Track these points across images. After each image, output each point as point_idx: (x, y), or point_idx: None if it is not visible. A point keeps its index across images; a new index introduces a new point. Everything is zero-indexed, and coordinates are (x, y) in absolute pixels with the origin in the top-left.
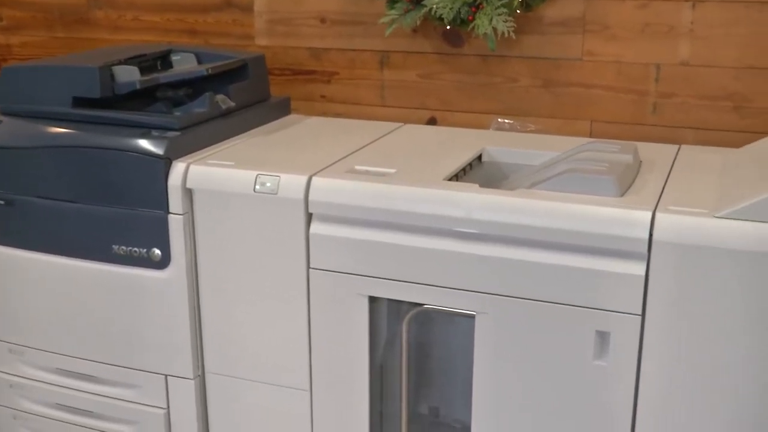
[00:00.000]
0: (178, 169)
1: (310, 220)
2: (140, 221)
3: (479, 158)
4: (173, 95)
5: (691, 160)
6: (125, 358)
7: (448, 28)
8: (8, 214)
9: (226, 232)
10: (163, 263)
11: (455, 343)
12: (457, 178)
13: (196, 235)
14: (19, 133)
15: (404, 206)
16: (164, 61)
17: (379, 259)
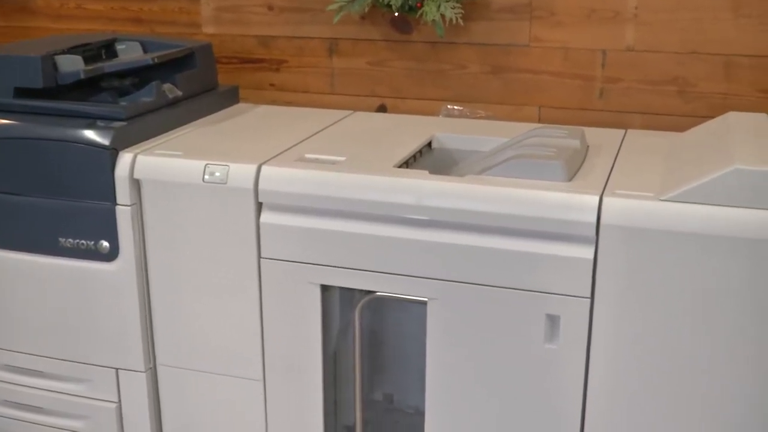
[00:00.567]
0: (125, 159)
1: (260, 209)
2: (87, 213)
3: (429, 145)
4: (119, 85)
5: (637, 144)
6: (75, 352)
7: (396, 14)
8: None
9: (175, 222)
10: (111, 255)
11: (408, 329)
12: (407, 165)
13: (144, 226)
14: None
15: (355, 194)
16: (109, 50)
17: (330, 247)
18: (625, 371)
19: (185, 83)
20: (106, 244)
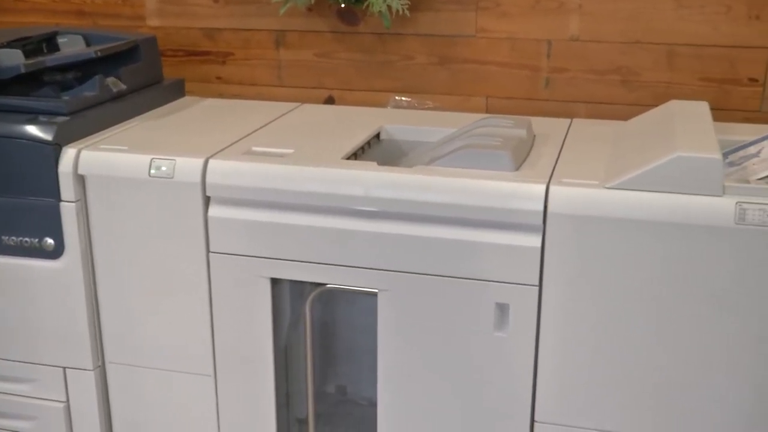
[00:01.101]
0: (68, 155)
1: (208, 203)
2: (31, 210)
3: (377, 136)
4: (61, 79)
5: (582, 133)
6: (20, 352)
7: (343, 6)
8: None
9: (121, 218)
10: (56, 253)
11: (359, 321)
12: (355, 156)
13: (90, 222)
14: None
15: (303, 186)
16: (50, 43)
17: (279, 240)
18: (573, 358)
19: (130, 77)
20: (50, 241)
